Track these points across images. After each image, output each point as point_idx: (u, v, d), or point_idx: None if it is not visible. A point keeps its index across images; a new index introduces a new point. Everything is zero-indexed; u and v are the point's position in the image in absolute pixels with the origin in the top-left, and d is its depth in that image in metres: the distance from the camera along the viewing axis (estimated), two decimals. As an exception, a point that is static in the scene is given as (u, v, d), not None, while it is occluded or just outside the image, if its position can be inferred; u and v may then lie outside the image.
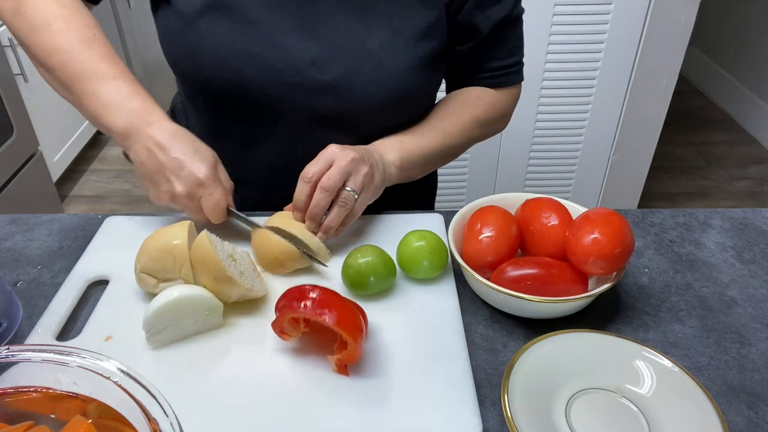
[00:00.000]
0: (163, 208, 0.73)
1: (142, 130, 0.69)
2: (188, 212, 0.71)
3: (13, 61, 2.04)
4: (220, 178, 0.71)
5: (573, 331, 0.62)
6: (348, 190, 0.70)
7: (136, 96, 0.71)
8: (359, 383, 0.59)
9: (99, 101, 0.70)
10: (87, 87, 0.71)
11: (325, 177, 0.69)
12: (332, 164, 0.70)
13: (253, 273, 0.68)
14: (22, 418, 0.43)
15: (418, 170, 0.83)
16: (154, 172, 0.69)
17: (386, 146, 0.78)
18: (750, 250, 0.79)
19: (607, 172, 2.02)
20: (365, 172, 0.72)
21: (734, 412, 0.58)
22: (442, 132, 0.83)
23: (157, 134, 0.69)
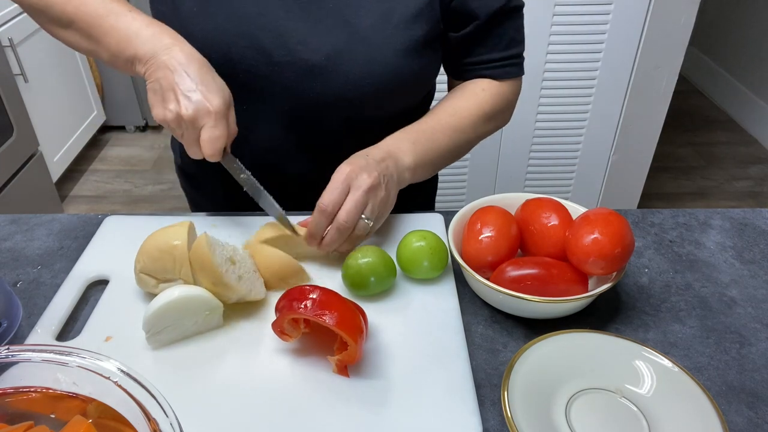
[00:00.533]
0: (165, 207, 0.73)
1: (163, 49, 0.68)
2: (186, 140, 0.69)
3: (13, 61, 2.04)
4: (228, 117, 0.70)
5: (573, 331, 0.62)
6: (364, 219, 0.70)
7: (153, 24, 0.71)
8: (359, 384, 0.59)
9: (120, 35, 0.71)
10: (104, 24, 0.71)
11: (342, 213, 0.68)
12: (348, 191, 0.69)
13: (254, 275, 0.67)
14: (22, 418, 0.43)
15: (429, 170, 0.82)
16: (166, 89, 0.67)
17: (401, 149, 0.76)
18: (750, 250, 0.79)
19: (607, 172, 2.02)
20: (381, 198, 0.71)
21: (734, 412, 0.58)
22: (453, 129, 0.81)
23: (178, 53, 0.68)
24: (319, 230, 0.69)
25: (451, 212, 0.78)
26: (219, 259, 0.63)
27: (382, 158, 0.73)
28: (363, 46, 0.76)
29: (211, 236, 0.65)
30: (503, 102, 0.86)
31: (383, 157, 0.73)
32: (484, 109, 0.84)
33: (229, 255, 0.65)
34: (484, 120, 0.84)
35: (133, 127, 2.95)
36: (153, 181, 2.63)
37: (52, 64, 2.34)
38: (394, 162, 0.74)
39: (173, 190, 2.57)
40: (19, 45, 2.09)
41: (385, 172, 0.72)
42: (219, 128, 0.67)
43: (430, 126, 0.80)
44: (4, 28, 2.02)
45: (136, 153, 2.82)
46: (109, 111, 2.84)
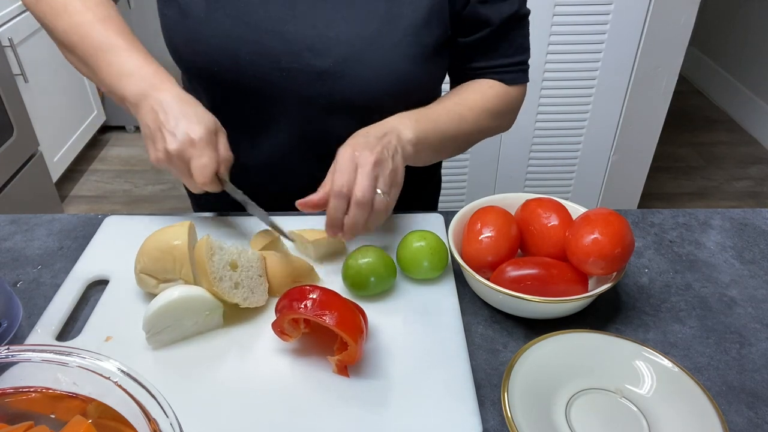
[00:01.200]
0: (165, 207, 0.73)
1: (151, 93, 0.70)
2: (180, 174, 0.70)
3: (13, 61, 2.04)
4: (217, 144, 0.70)
5: (573, 331, 0.62)
6: (379, 194, 0.69)
7: (147, 65, 0.72)
8: (359, 384, 0.59)
9: (114, 71, 0.72)
10: (103, 59, 0.73)
11: (357, 190, 0.67)
12: (356, 170, 0.68)
13: (257, 281, 0.67)
14: (22, 418, 0.43)
15: (430, 154, 0.80)
16: (154, 130, 0.69)
17: (402, 123, 0.75)
18: (750, 250, 0.79)
19: (607, 172, 2.02)
20: (390, 169, 0.69)
21: (734, 412, 0.58)
22: (458, 116, 0.80)
23: (164, 95, 0.69)
24: (339, 215, 0.68)
25: (451, 212, 0.78)
26: (216, 265, 0.63)
27: (384, 134, 0.72)
28: (371, 52, 0.76)
29: (215, 239, 0.65)
30: (508, 104, 0.86)
31: (384, 132, 0.72)
32: (490, 103, 0.83)
33: (230, 259, 0.65)
34: (488, 115, 0.84)
35: (133, 127, 2.95)
36: (153, 181, 2.63)
37: (52, 64, 2.34)
38: (396, 136, 0.73)
39: (173, 190, 2.57)
40: (19, 45, 2.09)
41: (387, 145, 0.71)
42: (205, 156, 0.68)
43: (434, 109, 0.80)
44: (4, 28, 2.02)
45: (136, 153, 2.82)
46: (109, 111, 2.84)
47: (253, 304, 0.65)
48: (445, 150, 0.83)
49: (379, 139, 0.71)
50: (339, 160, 0.69)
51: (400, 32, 0.76)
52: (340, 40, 0.76)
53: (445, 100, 0.82)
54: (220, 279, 0.62)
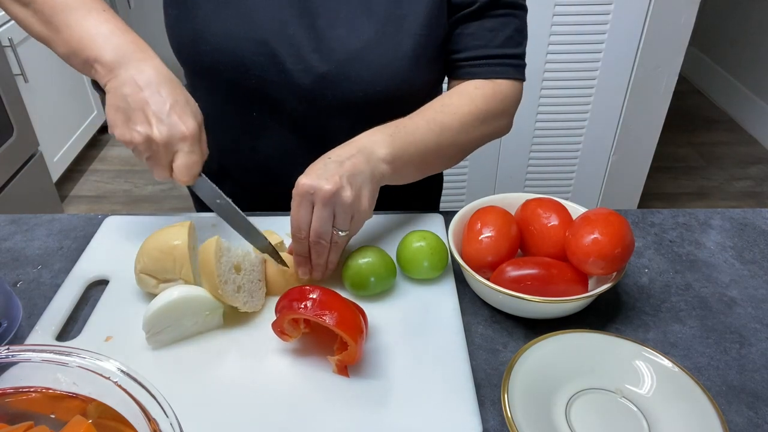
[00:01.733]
0: (165, 207, 0.73)
1: (132, 61, 0.64)
2: (154, 163, 0.64)
3: (13, 61, 2.04)
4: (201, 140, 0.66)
5: (573, 331, 0.62)
6: (336, 231, 0.66)
7: (127, 32, 0.67)
8: (359, 384, 0.59)
9: (84, 32, 0.65)
10: (70, 17, 0.66)
11: (312, 235, 0.65)
12: (312, 204, 0.65)
13: (257, 285, 0.67)
14: (22, 418, 0.43)
15: (411, 171, 0.75)
16: (134, 108, 0.62)
17: (375, 141, 0.70)
18: (750, 250, 0.79)
19: (607, 172, 2.02)
20: (348, 200, 0.64)
21: (734, 412, 0.58)
22: (439, 125, 0.74)
23: (149, 70, 0.64)
24: (303, 255, 0.67)
25: (451, 212, 0.78)
26: (223, 268, 0.63)
27: (348, 156, 0.67)
28: (374, 54, 0.76)
29: (223, 240, 0.64)
30: (498, 104, 0.80)
31: (350, 154, 0.67)
32: (477, 108, 0.77)
33: (236, 261, 0.65)
34: (475, 120, 0.77)
35: (133, 127, 2.94)
36: (153, 181, 2.63)
37: (52, 64, 2.34)
38: (365, 157, 0.68)
39: (173, 190, 2.57)
40: (19, 45, 2.09)
41: (351, 171, 0.65)
42: (196, 153, 0.64)
43: (413, 121, 0.74)
44: (4, 28, 2.02)
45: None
46: (109, 111, 2.84)
47: (251, 308, 0.65)
48: (429, 164, 0.78)
49: (340, 164, 0.66)
50: (294, 193, 0.65)
51: (401, 33, 0.76)
52: (343, 41, 0.76)
53: (426, 109, 0.76)
54: (225, 282, 0.62)
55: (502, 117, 0.82)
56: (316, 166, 0.66)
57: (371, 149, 0.69)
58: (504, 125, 0.84)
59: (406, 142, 0.71)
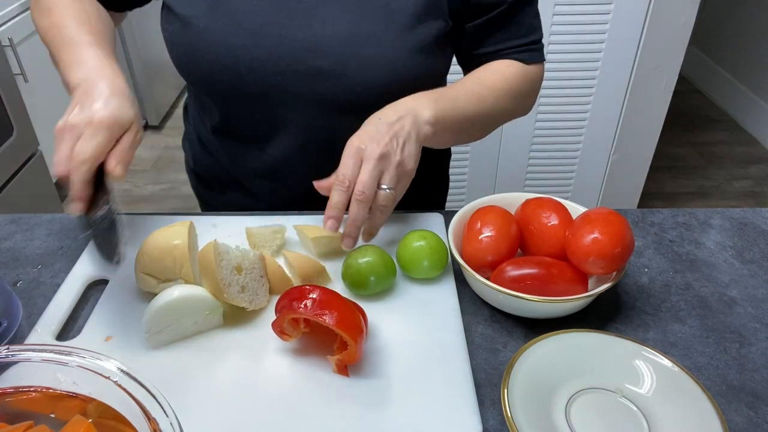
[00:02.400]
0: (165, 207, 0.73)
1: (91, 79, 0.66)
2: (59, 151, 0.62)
3: (13, 61, 2.04)
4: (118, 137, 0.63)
5: (573, 331, 0.62)
6: (384, 188, 0.69)
7: (103, 57, 0.69)
8: (359, 384, 0.59)
9: (70, 60, 0.69)
10: (65, 51, 0.71)
11: (358, 185, 0.67)
12: (361, 163, 0.68)
13: (259, 282, 0.66)
14: (22, 418, 0.43)
15: (449, 136, 0.79)
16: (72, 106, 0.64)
17: (420, 103, 0.74)
18: (750, 250, 0.79)
19: (607, 172, 2.02)
20: (397, 161, 0.69)
21: (734, 412, 0.58)
22: (477, 96, 0.79)
23: (101, 81, 0.65)
24: (338, 206, 0.68)
25: (451, 212, 0.78)
26: (225, 271, 0.62)
27: (398, 118, 0.71)
28: (370, 49, 0.76)
29: (221, 243, 0.64)
30: (528, 83, 0.85)
31: (399, 116, 0.71)
32: (510, 83, 0.82)
33: (236, 263, 0.64)
34: (508, 95, 0.82)
35: (133, 127, 2.94)
36: (153, 181, 2.63)
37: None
38: (412, 118, 0.72)
39: (173, 190, 2.57)
40: (19, 45, 2.09)
41: (399, 132, 0.70)
42: (98, 137, 0.61)
43: (453, 89, 0.79)
44: (4, 28, 2.02)
45: (136, 153, 2.81)
46: (109, 111, 2.84)
47: (257, 305, 0.64)
48: (464, 132, 0.82)
49: (390, 125, 0.70)
50: (345, 151, 0.69)
51: (397, 27, 0.76)
52: (338, 39, 0.76)
53: (464, 81, 0.81)
54: (229, 285, 0.62)
55: (530, 96, 0.88)
56: (367, 127, 0.71)
57: (417, 110, 0.73)
58: (529, 104, 0.89)
59: (447, 107, 0.76)
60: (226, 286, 0.62)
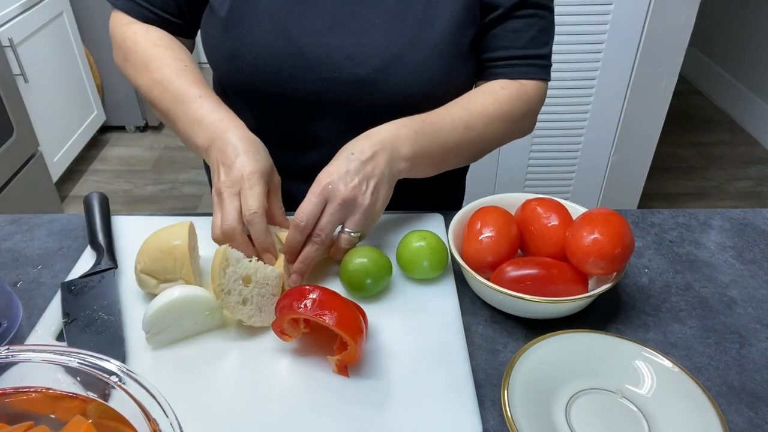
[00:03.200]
0: (165, 207, 0.73)
1: (219, 136, 0.70)
2: (226, 212, 0.65)
3: (13, 61, 2.04)
4: (268, 186, 0.68)
5: (573, 331, 0.62)
6: (348, 232, 0.68)
7: (216, 111, 0.72)
8: (359, 384, 0.59)
9: (187, 120, 0.73)
10: (178, 109, 0.74)
11: (317, 229, 0.66)
12: (325, 202, 0.66)
13: (268, 300, 0.64)
14: (22, 418, 0.43)
15: (428, 167, 0.76)
16: (216, 167, 0.68)
17: (399, 136, 0.71)
18: (750, 251, 0.79)
19: (607, 172, 2.02)
20: (364, 206, 0.67)
21: (734, 412, 0.58)
22: (464, 124, 0.75)
23: (230, 135, 0.69)
24: (295, 245, 0.67)
25: (451, 212, 0.78)
26: (228, 278, 0.61)
27: (372, 154, 0.68)
28: (410, 57, 0.76)
29: (232, 251, 0.63)
30: (523, 105, 0.81)
31: (374, 151, 0.69)
32: (501, 108, 0.78)
33: (245, 273, 0.63)
34: (499, 120, 0.78)
35: (133, 127, 2.95)
36: (153, 181, 2.63)
37: (52, 64, 2.34)
38: (388, 154, 0.69)
39: (173, 190, 2.57)
40: (19, 45, 2.09)
41: (371, 174, 0.68)
42: (257, 188, 0.65)
43: (439, 117, 0.75)
44: (4, 28, 2.02)
45: (136, 153, 2.82)
46: (109, 111, 2.84)
47: (257, 323, 0.62)
48: (447, 162, 0.79)
49: (362, 164, 0.67)
50: (312, 187, 0.67)
51: (437, 35, 0.76)
52: (378, 47, 0.76)
53: (452, 106, 0.77)
54: (228, 292, 0.61)
55: (526, 118, 0.83)
56: (337, 163, 0.68)
57: (395, 145, 0.70)
58: (527, 126, 0.85)
59: (429, 140, 0.73)
60: (225, 293, 0.60)
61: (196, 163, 2.73)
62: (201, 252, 0.73)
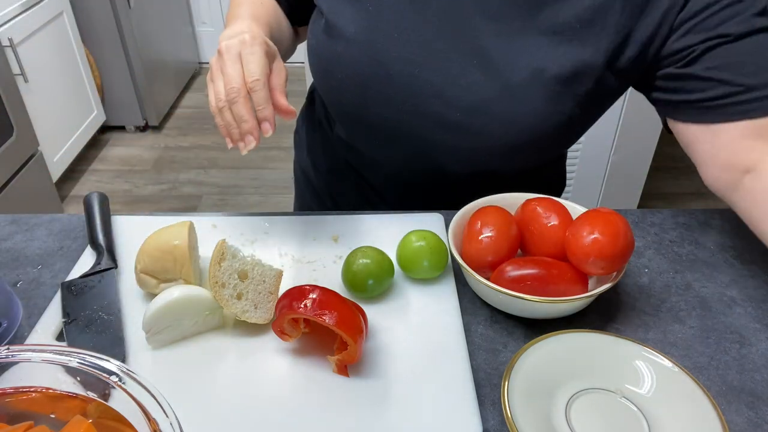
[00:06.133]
0: (165, 207, 0.73)
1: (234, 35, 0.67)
2: (229, 76, 0.63)
3: (13, 61, 2.04)
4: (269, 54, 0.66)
5: (573, 331, 0.62)
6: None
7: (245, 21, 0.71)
8: (359, 384, 0.59)
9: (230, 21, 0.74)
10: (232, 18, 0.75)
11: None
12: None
13: (265, 297, 0.64)
14: (22, 418, 0.43)
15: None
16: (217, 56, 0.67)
17: None
18: (750, 251, 0.79)
19: (607, 172, 2.02)
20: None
21: (734, 412, 0.58)
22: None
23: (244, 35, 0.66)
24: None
25: (451, 212, 0.78)
26: (223, 271, 0.61)
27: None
28: (502, 107, 0.70)
29: (232, 246, 0.63)
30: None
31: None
32: None
33: (242, 268, 0.63)
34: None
35: (133, 127, 2.95)
36: (153, 181, 2.63)
37: (52, 64, 2.34)
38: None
39: (173, 190, 2.58)
40: (19, 45, 2.09)
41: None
42: (258, 50, 0.64)
43: None
44: (4, 28, 2.02)
45: (136, 153, 2.82)
46: (109, 111, 2.84)
47: (252, 319, 0.62)
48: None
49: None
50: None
51: (537, 88, 0.69)
52: (471, 91, 0.71)
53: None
54: (222, 285, 0.61)
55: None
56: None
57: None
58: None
59: None
60: (219, 285, 0.61)
61: (196, 163, 2.73)
62: (201, 252, 0.73)
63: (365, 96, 0.75)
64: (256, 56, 0.64)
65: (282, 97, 0.65)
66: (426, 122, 0.75)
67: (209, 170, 2.70)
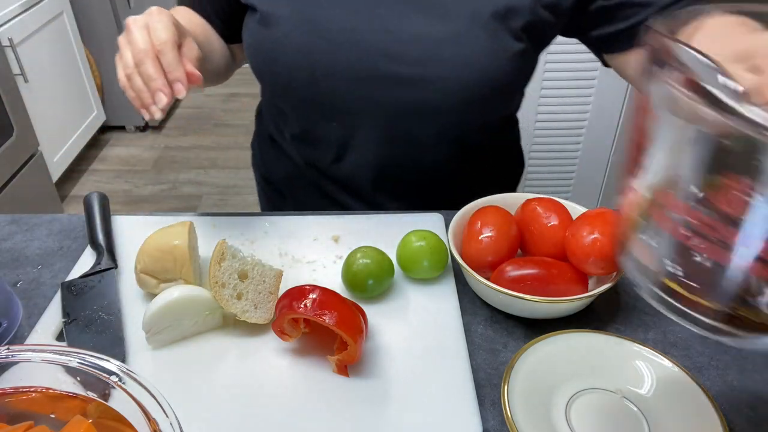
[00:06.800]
0: (165, 207, 0.73)
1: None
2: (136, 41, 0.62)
3: (13, 61, 2.04)
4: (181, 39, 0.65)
5: (573, 331, 0.62)
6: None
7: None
8: (359, 384, 0.59)
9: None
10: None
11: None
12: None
13: (265, 298, 0.64)
14: (22, 418, 0.43)
15: None
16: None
17: None
18: (750, 250, 0.79)
19: (607, 172, 2.02)
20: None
21: (734, 411, 0.58)
22: None
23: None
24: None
25: (451, 212, 0.78)
26: (223, 271, 0.61)
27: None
28: (449, 53, 0.73)
29: (232, 246, 0.63)
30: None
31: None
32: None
33: (242, 268, 0.63)
34: None
35: (133, 127, 2.95)
36: (153, 181, 2.63)
37: (52, 64, 2.34)
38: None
39: (173, 190, 2.57)
40: (19, 45, 2.09)
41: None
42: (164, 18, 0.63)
43: None
44: (4, 28, 2.02)
45: (136, 153, 2.82)
46: (109, 111, 2.84)
47: (252, 319, 0.62)
48: None
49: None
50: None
51: (478, 28, 0.72)
52: (416, 42, 0.73)
53: None
54: (222, 285, 0.61)
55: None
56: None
57: None
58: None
59: None
60: (219, 285, 0.61)
61: (196, 163, 2.73)
62: (201, 252, 0.73)
63: (314, 73, 0.75)
64: (164, 24, 0.63)
65: (189, 63, 0.64)
66: (379, 85, 0.75)
67: (209, 170, 2.70)
